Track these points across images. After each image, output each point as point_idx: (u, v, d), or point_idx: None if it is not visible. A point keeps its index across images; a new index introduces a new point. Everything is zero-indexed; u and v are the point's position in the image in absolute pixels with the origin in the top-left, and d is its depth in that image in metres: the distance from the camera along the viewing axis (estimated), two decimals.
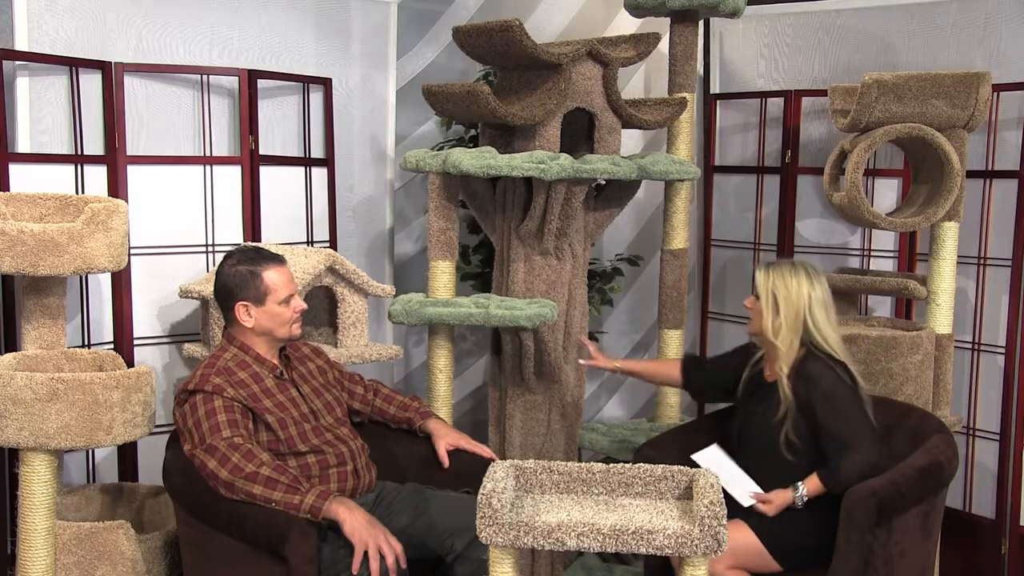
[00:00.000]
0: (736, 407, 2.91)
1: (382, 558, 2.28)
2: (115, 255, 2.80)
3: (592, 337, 4.07)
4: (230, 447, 2.37)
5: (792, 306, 2.69)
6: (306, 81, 3.64)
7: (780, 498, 2.63)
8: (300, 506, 2.31)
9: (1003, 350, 3.54)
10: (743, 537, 2.57)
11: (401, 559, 2.31)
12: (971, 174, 3.47)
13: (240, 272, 2.57)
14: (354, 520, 2.30)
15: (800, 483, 2.62)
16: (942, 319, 3.36)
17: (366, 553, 2.27)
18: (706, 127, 4.20)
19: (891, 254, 3.77)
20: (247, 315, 2.58)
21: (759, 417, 2.74)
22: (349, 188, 3.88)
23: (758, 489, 2.68)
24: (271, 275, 2.58)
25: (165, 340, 3.39)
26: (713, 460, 2.76)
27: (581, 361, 3.14)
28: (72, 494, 3.05)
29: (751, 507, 2.65)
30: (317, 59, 3.72)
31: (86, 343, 3.21)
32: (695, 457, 2.78)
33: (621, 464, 2.28)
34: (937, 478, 2.61)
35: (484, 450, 2.80)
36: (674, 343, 3.63)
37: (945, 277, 3.35)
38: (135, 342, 3.31)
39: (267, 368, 2.61)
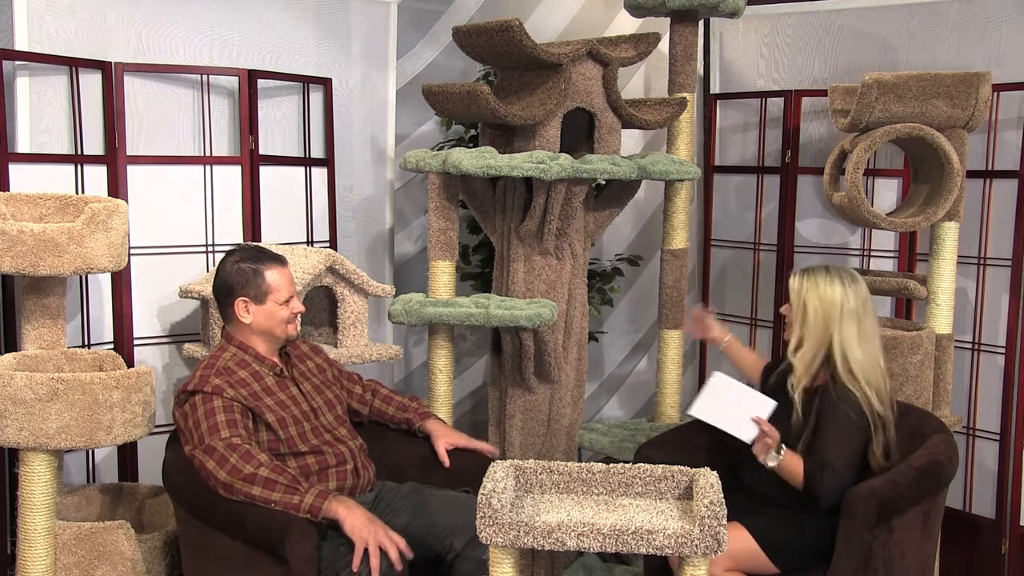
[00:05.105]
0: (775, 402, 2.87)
1: (383, 555, 2.28)
2: (115, 255, 2.80)
3: (593, 338, 4.07)
4: (228, 447, 2.37)
5: (823, 318, 2.61)
6: (306, 81, 3.64)
7: (775, 440, 2.53)
8: (300, 506, 2.31)
9: (1003, 350, 3.54)
10: (741, 540, 2.56)
11: (405, 550, 2.31)
12: (971, 174, 3.47)
13: (243, 269, 2.58)
14: (354, 518, 2.30)
15: (784, 448, 2.56)
16: (942, 319, 3.36)
17: (366, 551, 2.27)
18: (706, 127, 4.20)
19: (891, 254, 3.77)
20: (245, 312, 2.58)
21: (779, 411, 2.70)
22: (349, 188, 3.87)
23: (766, 413, 2.56)
24: (273, 275, 2.59)
25: (165, 340, 3.39)
26: (718, 391, 2.59)
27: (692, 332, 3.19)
28: (72, 494, 3.05)
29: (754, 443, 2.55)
30: (317, 59, 3.72)
31: (86, 343, 3.21)
32: (694, 412, 2.63)
33: (621, 464, 2.28)
34: (937, 478, 2.61)
35: (483, 446, 2.80)
36: (674, 343, 3.63)
37: (945, 277, 3.34)
38: (135, 342, 3.31)
39: (267, 366, 2.61)
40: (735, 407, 2.59)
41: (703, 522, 1.99)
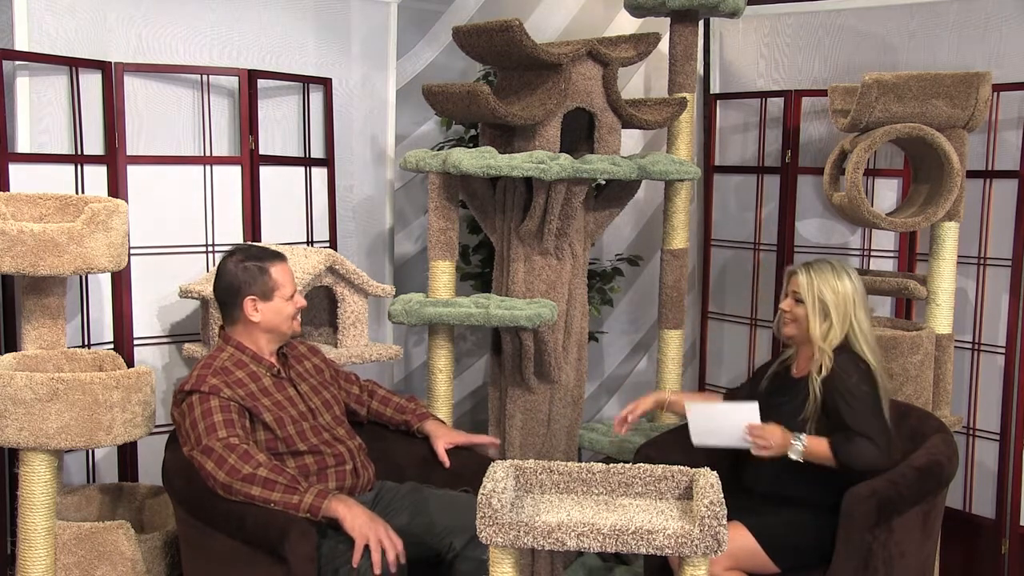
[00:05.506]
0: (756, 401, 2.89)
1: (383, 551, 2.28)
2: (115, 255, 2.80)
3: (593, 338, 4.07)
4: (226, 448, 2.37)
5: (841, 309, 2.69)
6: (306, 81, 3.64)
7: (775, 437, 2.59)
8: (299, 506, 2.31)
9: (1003, 350, 3.54)
10: (741, 539, 2.56)
11: (401, 555, 2.31)
12: (971, 174, 3.46)
13: (248, 268, 2.58)
14: (354, 516, 2.30)
15: (803, 435, 2.60)
16: (942, 319, 3.36)
17: (367, 547, 2.27)
18: (706, 127, 4.20)
19: (891, 254, 3.76)
20: (254, 310, 2.58)
21: (782, 410, 2.71)
22: (349, 188, 3.88)
23: (755, 416, 2.63)
24: (277, 271, 2.60)
25: (165, 340, 3.39)
26: (701, 417, 2.69)
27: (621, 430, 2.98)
28: (72, 494, 3.05)
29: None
30: (317, 59, 3.72)
31: (86, 343, 3.21)
32: (696, 443, 2.71)
33: (621, 464, 2.28)
34: (937, 478, 2.61)
35: (484, 439, 2.81)
36: (674, 343, 3.63)
37: (945, 277, 3.34)
38: (135, 342, 3.31)
39: (264, 367, 2.61)
40: (725, 425, 2.67)
41: (703, 522, 1.99)
